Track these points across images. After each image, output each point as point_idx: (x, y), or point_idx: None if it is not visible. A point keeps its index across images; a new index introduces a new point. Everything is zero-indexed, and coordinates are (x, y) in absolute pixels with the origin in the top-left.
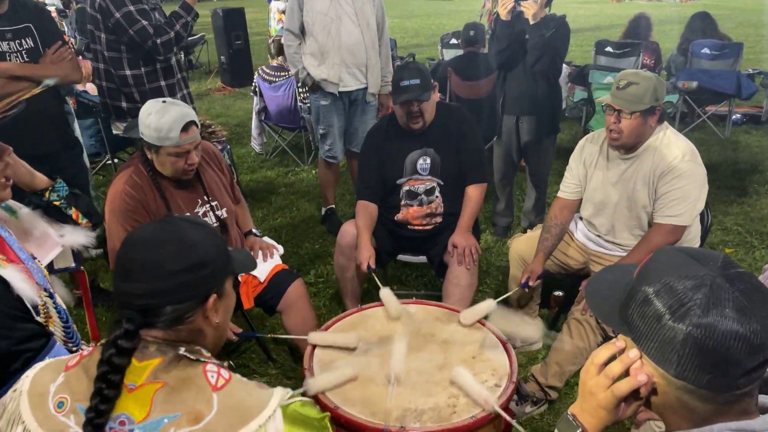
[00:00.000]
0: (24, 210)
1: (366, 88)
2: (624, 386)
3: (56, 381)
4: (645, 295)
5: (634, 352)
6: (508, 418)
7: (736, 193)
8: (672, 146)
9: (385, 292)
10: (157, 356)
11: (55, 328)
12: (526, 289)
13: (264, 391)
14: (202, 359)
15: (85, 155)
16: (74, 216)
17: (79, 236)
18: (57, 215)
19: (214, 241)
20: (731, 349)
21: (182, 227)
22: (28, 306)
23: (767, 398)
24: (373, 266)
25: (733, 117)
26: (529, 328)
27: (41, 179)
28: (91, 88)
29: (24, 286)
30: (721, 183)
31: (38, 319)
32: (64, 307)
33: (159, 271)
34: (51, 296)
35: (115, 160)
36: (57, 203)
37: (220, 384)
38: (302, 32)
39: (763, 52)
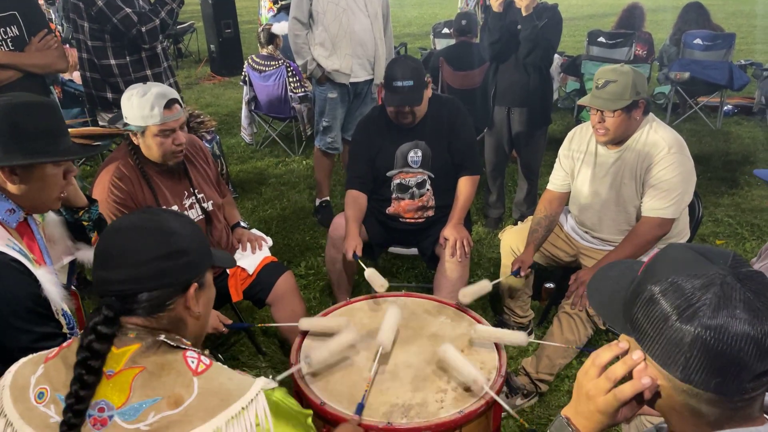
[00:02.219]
0: (51, 215)
1: (372, 80)
2: (627, 390)
3: (36, 373)
4: (651, 294)
5: (638, 354)
6: (498, 399)
7: (727, 185)
8: (658, 139)
9: (369, 272)
10: (135, 342)
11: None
12: (518, 277)
13: (245, 377)
14: (182, 346)
15: None
16: (93, 240)
17: (92, 254)
18: (79, 234)
19: (195, 231)
20: (741, 352)
21: (163, 217)
22: (52, 307)
23: None
24: (359, 254)
25: (725, 108)
26: (515, 335)
27: (82, 199)
28: (77, 77)
29: (53, 289)
30: (712, 174)
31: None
32: (70, 312)
33: (138, 258)
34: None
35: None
36: (85, 223)
37: (201, 369)
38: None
39: (755, 42)
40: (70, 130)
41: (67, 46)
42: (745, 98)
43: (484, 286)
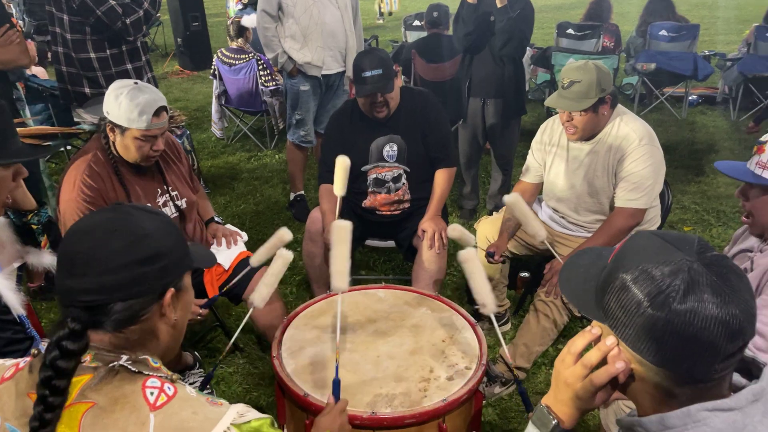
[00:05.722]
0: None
1: (344, 72)
2: (602, 375)
3: None
4: (623, 282)
5: (611, 340)
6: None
7: (693, 173)
8: (629, 131)
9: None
10: (87, 372)
11: None
12: (491, 261)
13: (214, 409)
14: (145, 372)
15: None
16: (43, 243)
17: (44, 258)
18: (28, 237)
19: (171, 230)
20: (711, 335)
21: (134, 215)
22: (13, 312)
23: (736, 376)
24: None
25: (690, 98)
26: (538, 225)
27: (31, 202)
28: (41, 72)
29: (11, 296)
30: (678, 163)
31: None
32: (24, 313)
33: (107, 265)
34: None
35: (68, 147)
36: (34, 226)
37: (160, 402)
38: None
39: (717, 33)
40: (18, 130)
41: (29, 40)
42: (709, 88)
43: (469, 238)
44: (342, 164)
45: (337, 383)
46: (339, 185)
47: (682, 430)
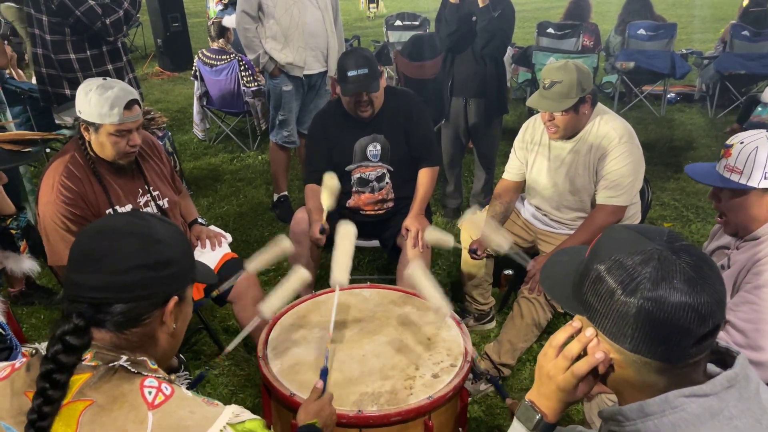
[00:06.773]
0: None
1: (326, 72)
2: (583, 366)
3: None
4: (597, 273)
5: (590, 331)
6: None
7: (672, 169)
8: (609, 130)
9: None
10: (86, 371)
11: None
12: (474, 257)
13: (211, 409)
14: (144, 372)
15: None
16: (22, 248)
17: (23, 263)
18: (6, 242)
19: (182, 241)
20: (682, 319)
21: (150, 222)
22: None
23: (712, 366)
24: (326, 227)
25: (668, 96)
26: (502, 238)
27: (9, 207)
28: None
29: None
30: (658, 160)
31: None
32: (4, 320)
33: (119, 265)
34: None
35: (48, 150)
36: (13, 231)
37: (158, 401)
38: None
39: (693, 32)
40: None
41: (6, 42)
42: (687, 86)
43: (448, 239)
44: (330, 186)
45: (325, 372)
46: (326, 202)
47: (660, 417)
